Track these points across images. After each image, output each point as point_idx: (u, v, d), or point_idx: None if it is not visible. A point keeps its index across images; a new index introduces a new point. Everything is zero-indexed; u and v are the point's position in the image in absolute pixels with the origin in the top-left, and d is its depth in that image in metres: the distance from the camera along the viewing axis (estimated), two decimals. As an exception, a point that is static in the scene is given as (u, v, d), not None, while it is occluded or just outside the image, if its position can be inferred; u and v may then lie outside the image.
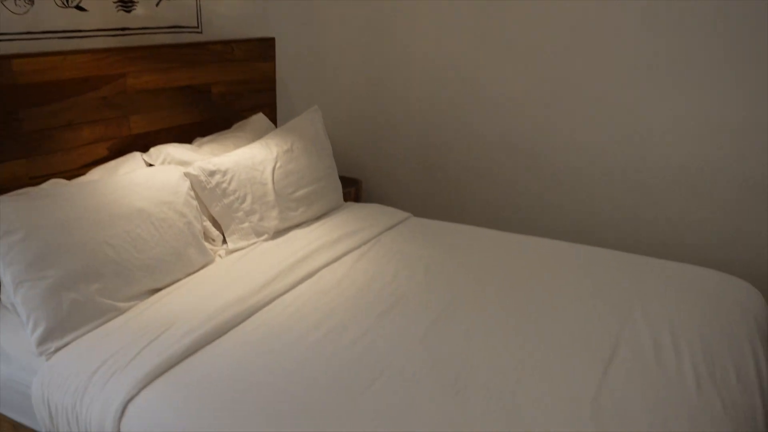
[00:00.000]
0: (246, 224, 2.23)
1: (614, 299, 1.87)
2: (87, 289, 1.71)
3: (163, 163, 2.23)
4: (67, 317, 1.66)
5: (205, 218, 2.21)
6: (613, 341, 1.65)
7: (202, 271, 2.02)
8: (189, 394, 1.44)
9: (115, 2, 2.30)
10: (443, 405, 1.40)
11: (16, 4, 2.00)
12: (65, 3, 2.14)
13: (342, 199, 2.67)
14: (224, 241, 2.25)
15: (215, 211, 2.22)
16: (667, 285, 1.97)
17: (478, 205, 3.00)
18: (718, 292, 1.94)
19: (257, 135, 2.57)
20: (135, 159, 2.22)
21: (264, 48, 2.84)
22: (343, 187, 2.76)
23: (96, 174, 2.09)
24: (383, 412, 1.37)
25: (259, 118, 2.75)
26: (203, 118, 2.61)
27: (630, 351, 1.61)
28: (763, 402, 1.46)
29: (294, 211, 2.36)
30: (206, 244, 2.13)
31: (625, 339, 1.66)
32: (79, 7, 2.19)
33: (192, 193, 2.13)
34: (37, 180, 2.01)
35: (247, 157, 2.31)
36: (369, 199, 3.21)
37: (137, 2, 2.38)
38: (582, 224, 2.73)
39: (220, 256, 2.17)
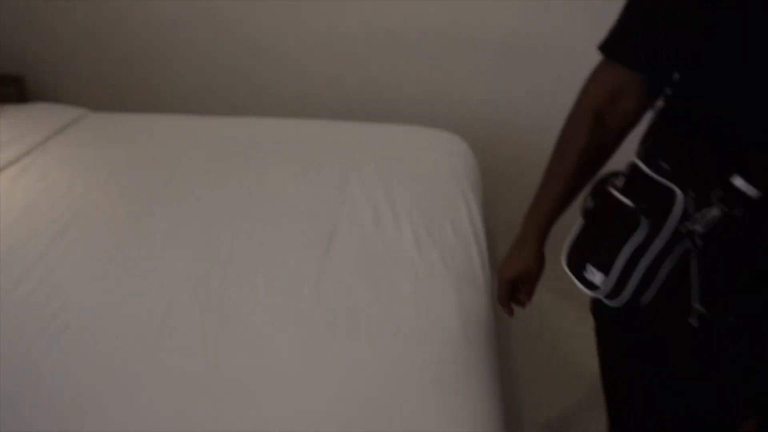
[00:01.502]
0: None
1: (330, 172, 1.73)
2: None
3: None
4: None
5: None
6: (333, 216, 1.52)
7: None
8: None
9: None
10: (145, 338, 1.15)
11: None
12: None
13: (-9, 101, 2.08)
14: None
15: None
16: (379, 148, 1.89)
17: (171, 91, 2.60)
18: (427, 148, 1.93)
19: None
20: None
21: None
22: (-3, 87, 2.16)
23: None
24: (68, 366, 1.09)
25: None
26: None
27: (350, 224, 1.50)
28: (479, 248, 1.47)
29: None
30: None
31: (345, 212, 1.54)
32: None
33: None
34: None
35: None
36: (38, 100, 2.60)
37: None
38: (287, 97, 2.52)
39: None
